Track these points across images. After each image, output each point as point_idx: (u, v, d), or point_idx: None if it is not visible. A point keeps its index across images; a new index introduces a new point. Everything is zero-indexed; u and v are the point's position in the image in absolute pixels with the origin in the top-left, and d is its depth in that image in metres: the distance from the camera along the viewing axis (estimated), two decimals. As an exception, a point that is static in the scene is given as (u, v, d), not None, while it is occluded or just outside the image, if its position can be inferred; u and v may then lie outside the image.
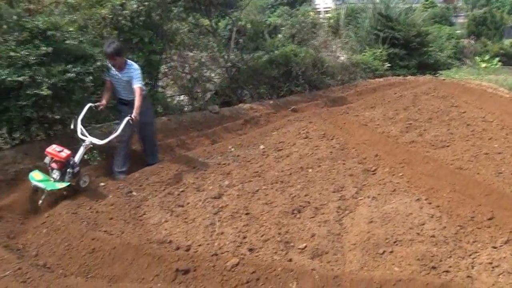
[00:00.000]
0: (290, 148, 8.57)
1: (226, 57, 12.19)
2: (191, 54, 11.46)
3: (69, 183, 5.91)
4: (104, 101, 6.97)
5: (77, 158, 6.21)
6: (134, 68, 6.95)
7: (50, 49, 6.65)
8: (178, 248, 5.10)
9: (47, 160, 6.07)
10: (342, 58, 16.48)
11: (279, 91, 12.74)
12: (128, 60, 7.13)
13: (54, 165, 6.00)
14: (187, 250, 5.10)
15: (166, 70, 10.75)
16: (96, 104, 6.88)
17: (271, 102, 11.87)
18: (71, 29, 7.45)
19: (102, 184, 6.62)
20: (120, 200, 6.17)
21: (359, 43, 19.21)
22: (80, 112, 6.62)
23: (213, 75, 12.21)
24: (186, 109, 10.83)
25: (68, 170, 6.01)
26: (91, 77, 7.07)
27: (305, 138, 9.09)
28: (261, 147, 8.64)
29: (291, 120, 10.44)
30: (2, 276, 4.07)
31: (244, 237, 5.41)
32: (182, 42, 10.71)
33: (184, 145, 8.73)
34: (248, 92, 12.44)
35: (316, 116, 10.76)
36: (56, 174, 5.97)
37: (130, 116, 6.55)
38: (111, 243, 4.95)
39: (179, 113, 10.05)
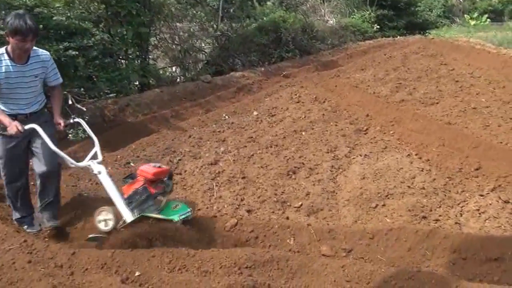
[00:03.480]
0: (283, 113, 8.71)
1: (215, 26, 12.23)
2: (180, 25, 11.48)
3: None
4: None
5: None
6: (46, 55, 4.80)
7: (40, 26, 6.71)
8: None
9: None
10: (331, 22, 16.54)
11: (270, 58, 12.83)
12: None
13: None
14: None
15: (156, 42, 10.80)
16: None
17: (263, 69, 11.97)
18: (57, 4, 7.47)
19: (100, 157, 6.74)
20: (118, 171, 6.30)
21: (348, 6, 19.18)
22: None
23: (203, 45, 12.27)
24: (178, 80, 10.94)
25: None
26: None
27: (298, 102, 9.22)
28: (255, 113, 8.77)
29: (283, 85, 10.57)
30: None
31: (242, 200, 5.54)
32: (170, 14, 10.74)
33: (178, 116, 8.83)
34: (239, 60, 12.50)
35: (307, 80, 10.88)
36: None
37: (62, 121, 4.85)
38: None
39: (171, 84, 10.15)
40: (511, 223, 4.72)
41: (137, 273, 3.68)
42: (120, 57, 9.59)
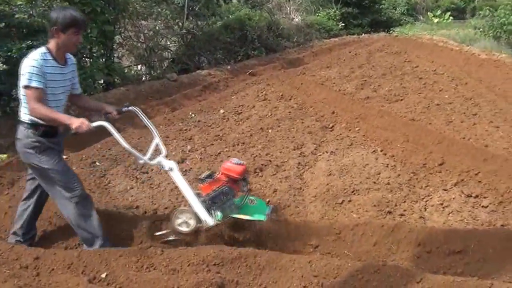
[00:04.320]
0: (250, 111, 8.72)
1: (180, 24, 12.17)
2: (145, 23, 11.39)
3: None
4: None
5: None
6: (73, 58, 4.47)
7: (1, 24, 6.60)
8: (145, 212, 5.21)
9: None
10: (296, 20, 16.61)
11: (236, 56, 12.83)
12: None
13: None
14: (154, 213, 5.20)
15: (121, 40, 10.70)
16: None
17: (229, 67, 11.96)
18: (19, 2, 7.34)
19: (64, 157, 6.64)
20: (84, 171, 6.22)
21: (313, 4, 19.29)
22: None
23: (169, 43, 12.21)
24: (144, 78, 10.86)
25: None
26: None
27: (264, 100, 9.24)
28: (221, 111, 8.76)
29: (249, 83, 10.58)
30: None
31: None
32: (135, 11, 10.66)
33: (144, 114, 8.70)
34: (205, 58, 12.48)
35: (273, 78, 10.91)
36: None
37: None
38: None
39: (137, 83, 10.07)
40: (473, 216, 4.82)
41: (104, 273, 3.64)
42: (85, 55, 9.47)
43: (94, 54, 9.57)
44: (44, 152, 4.13)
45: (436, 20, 22.87)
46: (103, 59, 9.65)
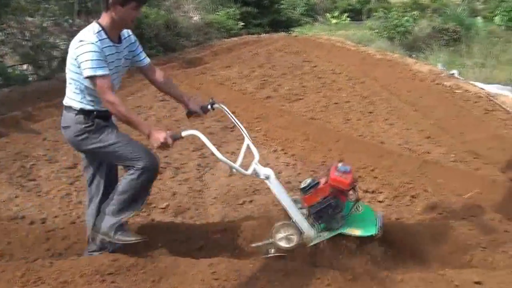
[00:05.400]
0: (147, 112, 8.48)
1: (71, 21, 11.61)
2: (31, 19, 10.74)
3: None
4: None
5: None
6: (130, 33, 3.92)
7: None
8: (32, 223, 4.85)
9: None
10: (195, 18, 16.42)
11: (132, 55, 12.44)
12: None
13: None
14: (43, 223, 4.87)
15: (3, 38, 10.03)
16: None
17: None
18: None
19: None
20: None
21: (212, 3, 19.17)
22: None
23: (58, 41, 11.59)
24: (30, 79, 10.22)
25: None
26: None
27: (162, 100, 9.01)
28: (117, 112, 8.41)
29: (147, 83, 10.14)
30: None
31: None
32: (19, 7, 10.00)
33: (31, 117, 8.18)
34: (97, 57, 11.98)
35: (172, 78, 10.64)
36: None
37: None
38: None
39: (23, 83, 9.46)
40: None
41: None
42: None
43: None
44: (99, 130, 3.69)
45: (334, 21, 23.59)
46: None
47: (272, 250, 3.90)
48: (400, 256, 4.13)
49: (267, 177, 3.79)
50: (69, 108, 3.69)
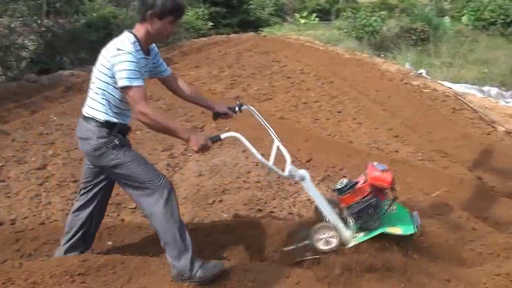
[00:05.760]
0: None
1: (39, 21, 11.45)
2: (-1, 19, 10.59)
3: None
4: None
5: None
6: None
7: None
8: (1, 224, 4.81)
9: None
10: (164, 19, 16.31)
11: (101, 56, 12.30)
12: None
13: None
14: (12, 224, 4.83)
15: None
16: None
17: (93, 67, 11.43)
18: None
19: None
20: None
21: (181, 3, 19.05)
22: None
23: (26, 42, 11.42)
24: (-1, 79, 10.06)
25: None
26: None
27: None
28: (86, 113, 8.32)
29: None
30: None
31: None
32: (-15, 7, 9.84)
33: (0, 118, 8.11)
34: (67, 58, 11.84)
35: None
36: None
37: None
38: None
39: (-10, 84, 9.31)
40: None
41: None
42: None
43: None
44: (118, 147, 3.57)
45: (303, 21, 23.69)
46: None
47: (307, 254, 3.84)
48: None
49: (303, 179, 3.79)
50: (91, 119, 3.57)
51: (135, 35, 3.48)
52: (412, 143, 7.10)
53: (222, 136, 3.63)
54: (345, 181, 3.89)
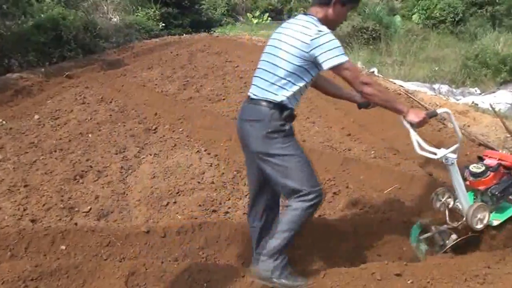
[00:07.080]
0: (68, 115, 8.27)
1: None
2: None
3: None
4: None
5: None
6: None
7: None
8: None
9: None
10: (115, 19, 16.12)
11: (50, 58, 12.02)
12: None
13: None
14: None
15: None
16: None
17: (43, 69, 11.17)
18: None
19: None
20: None
21: (132, 3, 18.84)
22: None
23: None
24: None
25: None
26: None
27: (83, 103, 8.82)
28: (36, 117, 8.18)
29: (66, 86, 10.03)
30: None
31: (25, 209, 5.19)
32: None
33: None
34: (15, 60, 11.56)
35: (92, 80, 10.46)
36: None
37: None
38: None
39: None
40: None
41: None
42: None
43: None
44: (288, 137, 3.49)
45: (255, 21, 23.70)
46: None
47: (447, 241, 4.07)
48: (324, 251, 4.28)
49: (453, 163, 3.83)
50: (263, 100, 3.51)
51: (314, 17, 3.46)
52: (364, 141, 7.22)
53: (438, 111, 3.79)
54: (481, 166, 4.10)
